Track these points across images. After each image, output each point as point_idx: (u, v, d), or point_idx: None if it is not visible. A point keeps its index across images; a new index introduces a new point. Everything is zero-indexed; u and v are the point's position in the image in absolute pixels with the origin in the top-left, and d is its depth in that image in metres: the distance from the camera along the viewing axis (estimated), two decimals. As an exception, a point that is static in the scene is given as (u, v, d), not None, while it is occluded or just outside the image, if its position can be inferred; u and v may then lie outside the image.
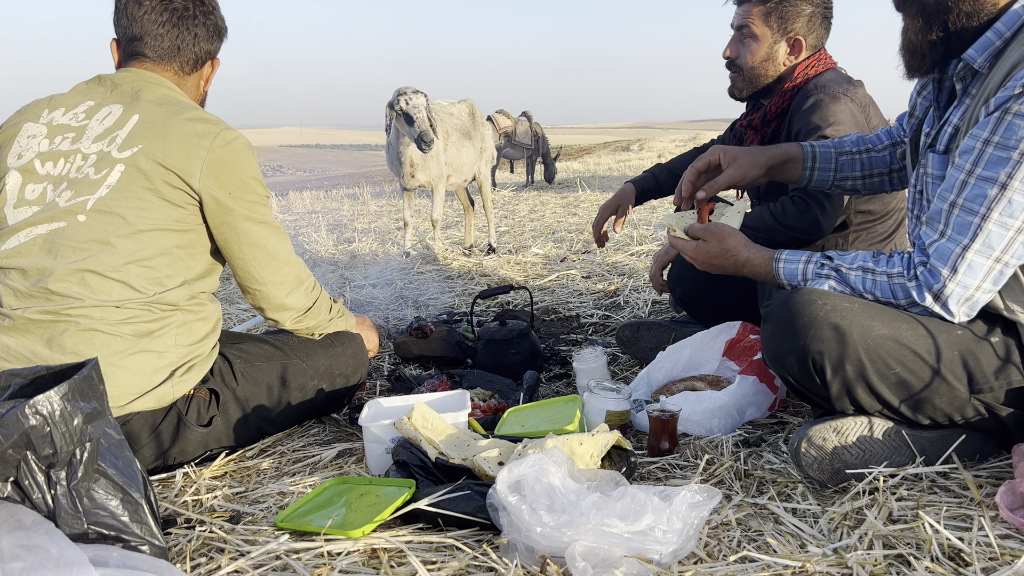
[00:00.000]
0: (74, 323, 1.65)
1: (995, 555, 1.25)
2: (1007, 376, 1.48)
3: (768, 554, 1.29)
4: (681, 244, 1.77)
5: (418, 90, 4.55)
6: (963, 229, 1.44)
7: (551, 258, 4.68)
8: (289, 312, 1.95)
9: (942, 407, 1.51)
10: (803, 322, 1.50)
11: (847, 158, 1.96)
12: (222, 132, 1.78)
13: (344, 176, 21.87)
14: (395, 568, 1.31)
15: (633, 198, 2.59)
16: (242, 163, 1.80)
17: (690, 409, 1.86)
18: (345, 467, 1.81)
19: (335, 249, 5.49)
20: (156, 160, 1.71)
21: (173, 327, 1.75)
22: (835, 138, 2.01)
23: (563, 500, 1.30)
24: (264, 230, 1.85)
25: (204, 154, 1.74)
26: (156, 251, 1.72)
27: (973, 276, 1.45)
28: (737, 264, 1.70)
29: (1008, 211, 1.39)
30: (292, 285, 1.92)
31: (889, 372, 1.48)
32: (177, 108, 1.78)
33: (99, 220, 1.69)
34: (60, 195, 1.71)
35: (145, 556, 1.21)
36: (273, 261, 1.88)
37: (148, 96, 1.80)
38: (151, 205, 1.71)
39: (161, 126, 1.74)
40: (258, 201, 1.84)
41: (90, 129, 1.77)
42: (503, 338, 2.48)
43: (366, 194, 10.50)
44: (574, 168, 18.18)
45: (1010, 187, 1.38)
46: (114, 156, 1.72)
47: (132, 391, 1.69)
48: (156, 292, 1.72)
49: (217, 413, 1.82)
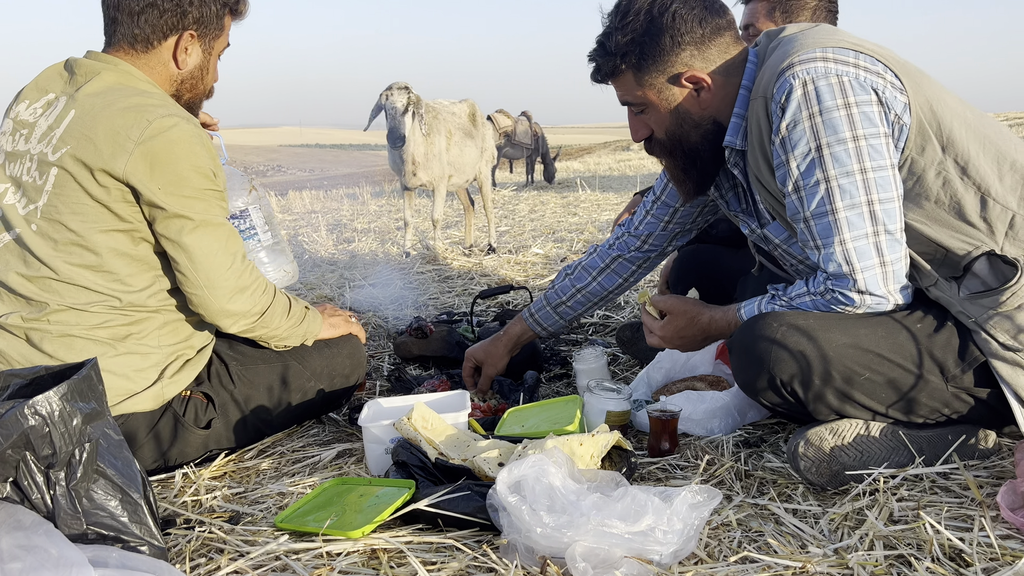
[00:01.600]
0: (49, 330, 1.65)
1: (996, 555, 1.25)
2: (971, 355, 1.51)
3: (769, 555, 1.29)
4: (651, 323, 1.85)
5: (404, 87, 4.56)
6: (827, 231, 1.52)
7: (551, 258, 4.68)
8: (232, 319, 1.77)
9: (927, 403, 1.53)
10: (764, 345, 1.54)
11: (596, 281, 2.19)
12: (156, 120, 1.60)
13: (344, 176, 21.87)
14: (395, 569, 1.30)
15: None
16: (178, 152, 1.62)
17: (690, 409, 1.86)
18: (345, 467, 1.81)
19: (335, 249, 5.49)
20: (82, 161, 1.60)
21: (153, 329, 1.73)
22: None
23: (563, 501, 1.29)
24: (200, 229, 1.67)
25: (131, 146, 1.59)
26: (108, 255, 1.65)
27: (869, 257, 1.51)
28: (702, 327, 1.77)
29: (846, 196, 1.49)
30: (232, 290, 1.73)
31: (860, 379, 1.51)
32: (115, 97, 1.64)
33: (48, 228, 1.64)
34: (19, 200, 1.67)
35: (144, 556, 1.21)
36: (208, 263, 1.69)
37: (93, 86, 1.66)
38: (87, 209, 1.62)
39: (91, 121, 1.61)
40: (195, 196, 1.66)
41: (38, 127, 1.67)
42: (503, 338, 2.48)
43: (366, 194, 10.50)
44: (574, 168, 18.19)
45: (831, 178, 1.49)
46: (49, 159, 1.63)
47: (120, 392, 1.68)
48: (122, 294, 1.68)
49: (215, 416, 1.81)
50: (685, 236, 2.13)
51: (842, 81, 1.47)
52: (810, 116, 1.48)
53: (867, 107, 1.47)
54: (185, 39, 1.73)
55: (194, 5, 1.71)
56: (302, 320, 1.92)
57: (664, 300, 1.82)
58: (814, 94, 1.48)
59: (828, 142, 1.48)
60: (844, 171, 1.48)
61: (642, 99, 1.67)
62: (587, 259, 2.21)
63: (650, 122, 1.71)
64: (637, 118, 1.73)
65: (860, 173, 1.48)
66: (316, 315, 1.99)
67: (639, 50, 1.61)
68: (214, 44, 1.80)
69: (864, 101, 1.47)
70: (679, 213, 2.04)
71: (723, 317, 1.74)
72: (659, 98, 1.65)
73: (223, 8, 1.78)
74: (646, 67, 1.62)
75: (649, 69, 1.62)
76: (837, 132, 1.47)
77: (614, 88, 1.72)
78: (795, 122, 1.49)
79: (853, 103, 1.47)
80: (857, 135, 1.47)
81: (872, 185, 1.48)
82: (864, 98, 1.47)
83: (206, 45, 1.78)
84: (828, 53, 1.50)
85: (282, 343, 1.91)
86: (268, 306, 1.82)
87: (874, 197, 1.48)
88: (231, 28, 1.85)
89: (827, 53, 1.50)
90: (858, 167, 1.48)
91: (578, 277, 2.20)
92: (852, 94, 1.47)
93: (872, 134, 1.47)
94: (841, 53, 1.50)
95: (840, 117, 1.47)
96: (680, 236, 2.12)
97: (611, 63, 1.65)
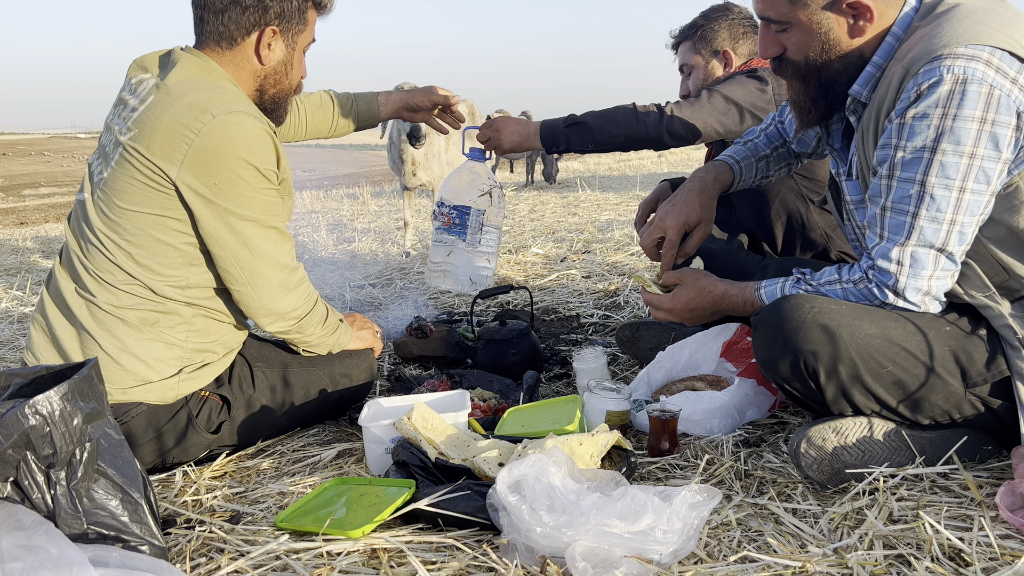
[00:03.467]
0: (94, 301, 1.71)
1: (995, 555, 1.26)
2: (997, 367, 1.50)
3: (768, 554, 1.29)
4: (656, 299, 1.82)
5: (413, 86, 4.56)
6: (898, 229, 1.50)
7: (551, 258, 4.68)
8: (272, 318, 1.81)
9: (940, 404, 1.52)
10: (793, 325, 1.52)
11: (763, 163, 2.06)
12: (220, 116, 1.63)
13: (344, 176, 21.86)
14: (395, 568, 1.31)
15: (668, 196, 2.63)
16: (236, 151, 1.64)
17: (690, 409, 1.86)
18: (345, 467, 1.81)
19: (335, 249, 5.49)
20: (142, 147, 1.65)
21: (182, 322, 1.75)
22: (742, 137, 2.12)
23: (563, 500, 1.30)
24: (251, 227, 1.71)
25: (187, 145, 1.63)
26: (146, 238, 1.69)
27: (922, 267, 1.50)
28: (715, 299, 1.75)
29: (933, 206, 1.46)
30: (276, 291, 1.78)
31: (883, 371, 1.49)
32: (186, 89, 1.67)
33: (103, 201, 1.72)
34: (98, 168, 1.76)
35: (145, 556, 1.21)
36: (257, 262, 1.73)
37: (174, 76, 1.70)
38: (136, 192, 1.67)
39: (160, 110, 1.66)
40: (251, 194, 1.69)
41: (128, 104, 1.74)
42: (503, 338, 2.48)
43: (366, 194, 10.49)
44: (574, 168, 18.18)
45: (928, 184, 1.45)
46: (121, 138, 1.70)
47: (137, 378, 1.69)
48: (153, 281, 1.71)
49: (227, 419, 1.82)
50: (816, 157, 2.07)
51: (992, 95, 1.40)
52: (942, 115, 1.41)
53: (1002, 129, 1.41)
54: (267, 35, 1.76)
55: (275, 1, 1.74)
56: (334, 331, 1.98)
57: (676, 272, 1.80)
58: (959, 96, 1.40)
59: (945, 149, 1.42)
60: (945, 183, 1.44)
61: (788, 16, 1.54)
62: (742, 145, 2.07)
63: (789, 41, 1.59)
64: (772, 34, 1.60)
65: (959, 191, 1.44)
66: (347, 329, 2.05)
67: None
68: (298, 39, 1.83)
69: (1003, 122, 1.41)
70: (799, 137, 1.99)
71: (739, 293, 1.72)
72: (811, 19, 1.53)
73: (305, 2, 1.80)
74: None
75: None
76: (960, 143, 1.42)
77: (755, 2, 1.58)
78: (925, 114, 1.42)
79: (991, 120, 1.40)
80: (976, 153, 1.42)
81: (963, 205, 1.45)
82: (1004, 119, 1.41)
83: (289, 40, 1.81)
84: (995, 58, 1.41)
85: (312, 350, 1.96)
86: (308, 312, 1.88)
87: (959, 217, 1.45)
88: (316, 23, 1.88)
89: (993, 57, 1.41)
90: (960, 184, 1.43)
91: (753, 148, 2.05)
92: (995, 111, 1.40)
93: (991, 157, 1.42)
94: (1007, 62, 1.41)
95: (970, 130, 1.41)
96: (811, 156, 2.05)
97: None
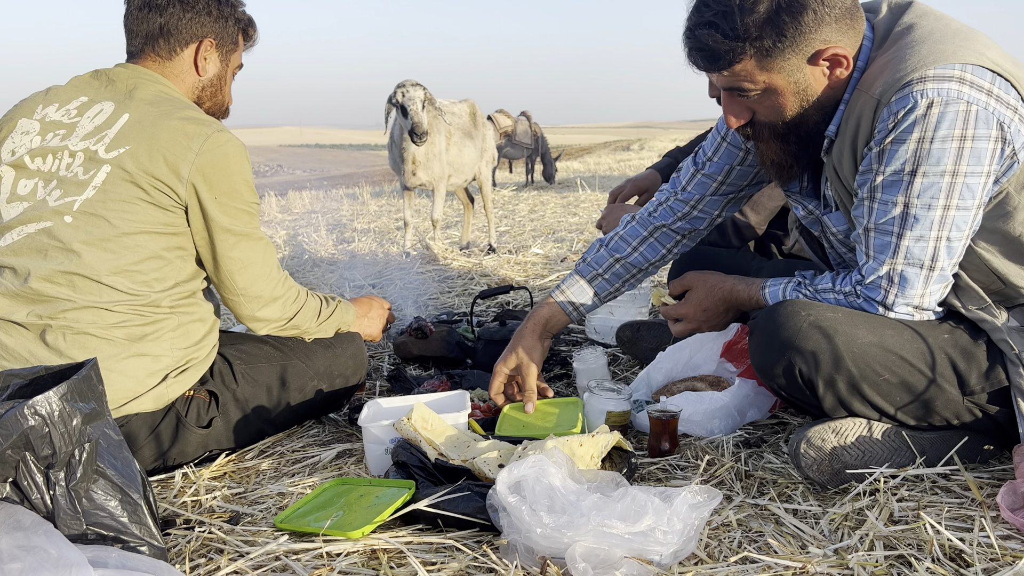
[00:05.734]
0: (67, 327, 1.65)
1: (996, 556, 1.25)
2: (996, 376, 1.49)
3: (769, 555, 1.29)
4: (671, 309, 1.84)
5: (418, 83, 4.55)
6: (883, 249, 1.50)
7: (551, 258, 4.67)
8: (263, 323, 1.90)
9: (938, 411, 1.52)
10: (788, 333, 1.51)
11: (660, 234, 2.00)
12: (214, 134, 1.71)
13: (344, 176, 21.86)
14: (395, 569, 1.30)
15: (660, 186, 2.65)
16: (232, 167, 1.74)
17: (691, 410, 1.86)
18: (345, 468, 1.81)
19: (335, 249, 5.48)
20: (142, 162, 1.67)
21: (167, 331, 1.74)
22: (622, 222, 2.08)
23: (563, 501, 1.29)
24: (244, 242, 1.79)
25: (193, 156, 1.68)
26: (143, 255, 1.69)
27: (911, 286, 1.49)
28: (724, 295, 1.76)
29: (918, 226, 1.45)
30: (266, 300, 1.87)
31: (880, 380, 1.49)
32: (170, 107, 1.73)
33: (85, 222, 1.67)
34: (50, 193, 1.70)
35: (144, 557, 1.21)
36: (247, 273, 1.82)
37: (142, 94, 1.75)
38: (136, 208, 1.68)
39: (151, 126, 1.69)
40: (244, 209, 1.78)
41: (80, 127, 1.74)
42: (503, 338, 2.47)
43: (366, 194, 10.49)
44: (574, 168, 18.17)
45: (911, 205, 1.44)
46: (101, 156, 1.69)
47: (126, 394, 1.68)
48: (146, 295, 1.70)
49: (217, 415, 1.82)
50: (736, 205, 1.96)
51: (969, 111, 1.37)
52: (920, 140, 1.39)
53: (982, 143, 1.38)
54: (205, 46, 1.85)
55: (212, 15, 1.84)
56: (331, 315, 2.06)
57: (679, 278, 1.81)
58: (935, 119, 1.38)
59: (925, 170, 1.40)
60: (927, 202, 1.42)
61: (764, 83, 1.48)
62: (624, 229, 2.02)
63: (761, 105, 1.52)
64: (739, 101, 1.53)
65: (943, 208, 1.42)
66: (348, 307, 2.12)
67: (776, 31, 1.41)
68: (231, 57, 1.93)
69: (982, 136, 1.38)
70: (734, 173, 1.87)
71: (746, 289, 1.71)
72: (787, 81, 1.47)
73: (236, 24, 1.91)
74: (780, 49, 1.43)
75: (784, 51, 1.43)
76: (939, 164, 1.39)
77: (717, 76, 1.50)
78: (902, 139, 1.40)
79: (970, 136, 1.38)
80: (957, 170, 1.39)
81: (948, 222, 1.43)
82: (984, 133, 1.38)
83: (223, 56, 1.91)
84: (967, 74, 1.38)
85: (316, 335, 2.04)
86: (298, 312, 1.95)
87: (944, 234, 1.44)
88: (243, 51, 1.98)
89: (965, 73, 1.38)
90: (943, 202, 1.42)
91: (615, 247, 2.00)
92: (973, 127, 1.37)
93: (973, 172, 1.40)
94: (979, 74, 1.38)
95: (949, 149, 1.38)
96: (732, 204, 1.94)
97: (734, 49, 1.44)
